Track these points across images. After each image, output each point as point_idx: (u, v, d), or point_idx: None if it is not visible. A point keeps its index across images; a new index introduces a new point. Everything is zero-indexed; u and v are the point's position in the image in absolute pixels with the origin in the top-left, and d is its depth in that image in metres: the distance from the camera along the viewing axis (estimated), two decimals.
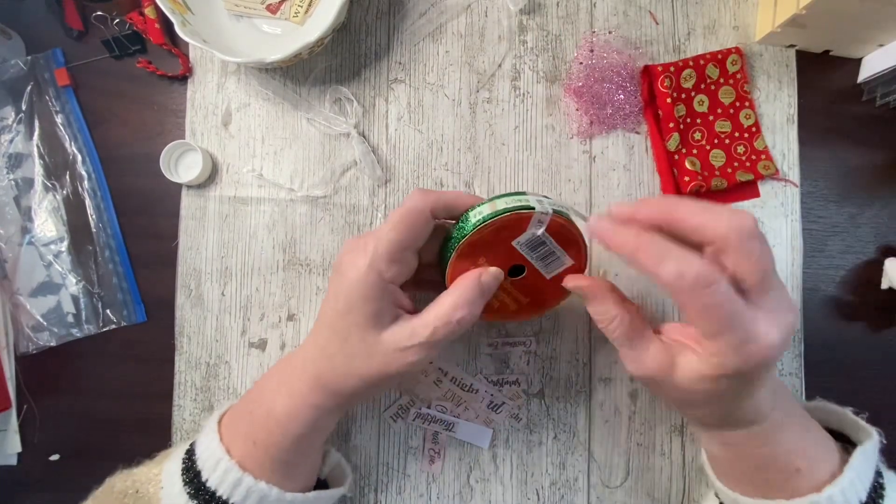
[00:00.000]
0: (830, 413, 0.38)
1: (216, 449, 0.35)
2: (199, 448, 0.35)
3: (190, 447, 0.36)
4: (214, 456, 0.34)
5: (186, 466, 0.35)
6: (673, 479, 0.46)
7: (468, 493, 0.46)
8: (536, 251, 0.35)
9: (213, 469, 0.34)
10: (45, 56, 0.49)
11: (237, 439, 0.35)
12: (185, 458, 0.35)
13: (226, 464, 0.34)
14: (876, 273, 0.48)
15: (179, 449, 0.37)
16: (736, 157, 0.48)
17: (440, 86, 0.48)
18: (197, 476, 0.34)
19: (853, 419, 0.37)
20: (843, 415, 0.37)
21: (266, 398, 0.36)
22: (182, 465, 0.35)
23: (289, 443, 0.35)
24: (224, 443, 0.35)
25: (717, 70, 0.47)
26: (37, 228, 0.48)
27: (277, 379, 0.37)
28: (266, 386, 0.37)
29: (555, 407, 0.46)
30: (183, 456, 0.36)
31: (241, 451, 0.35)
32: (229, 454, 0.34)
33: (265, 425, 0.35)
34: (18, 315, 0.48)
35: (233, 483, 0.33)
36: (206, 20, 0.46)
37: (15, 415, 0.47)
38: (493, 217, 0.33)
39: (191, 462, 0.35)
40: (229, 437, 0.35)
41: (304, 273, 0.47)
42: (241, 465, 0.34)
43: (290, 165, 0.48)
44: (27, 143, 0.48)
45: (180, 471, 0.35)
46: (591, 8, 0.49)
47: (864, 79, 0.48)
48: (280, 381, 0.36)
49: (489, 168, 0.48)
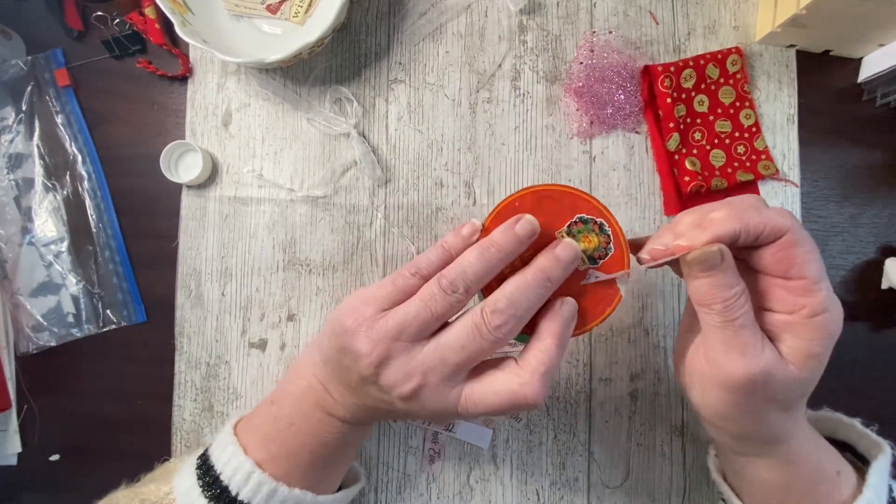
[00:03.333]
0: (837, 424, 0.37)
1: (244, 462, 0.33)
2: (218, 463, 0.34)
3: (201, 462, 0.35)
4: (244, 469, 0.33)
5: (207, 483, 0.33)
6: (673, 479, 0.46)
7: (468, 493, 0.46)
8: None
9: (243, 483, 0.33)
10: (46, 56, 0.49)
11: (274, 456, 0.34)
12: (200, 475, 0.34)
13: (258, 476, 0.33)
14: (876, 273, 0.48)
15: (186, 464, 0.36)
16: (736, 157, 0.48)
17: (440, 86, 0.48)
18: (224, 491, 0.33)
19: (862, 431, 0.36)
20: (850, 427, 0.37)
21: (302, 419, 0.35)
22: (200, 482, 0.34)
23: (332, 456, 0.36)
24: (253, 457, 0.34)
25: (718, 70, 0.47)
26: (37, 228, 0.48)
27: (313, 400, 0.35)
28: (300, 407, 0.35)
29: (555, 407, 0.46)
30: (195, 471, 0.34)
31: (279, 466, 0.34)
32: (261, 468, 0.33)
33: (306, 444, 0.34)
34: (18, 315, 0.48)
35: (267, 494, 0.33)
36: (206, 20, 0.46)
37: (15, 415, 0.47)
38: None
39: (211, 478, 0.34)
40: (259, 452, 0.34)
41: (304, 273, 0.47)
42: (275, 477, 0.33)
43: (290, 165, 0.48)
44: (27, 143, 0.48)
45: (199, 487, 0.33)
46: (591, 8, 0.49)
47: (864, 79, 0.48)
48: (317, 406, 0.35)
49: (489, 168, 0.48)
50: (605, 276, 0.33)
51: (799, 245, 0.28)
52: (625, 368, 0.47)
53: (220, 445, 0.35)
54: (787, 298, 0.29)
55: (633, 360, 0.47)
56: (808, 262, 0.28)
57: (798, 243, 0.28)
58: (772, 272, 0.30)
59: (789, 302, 0.29)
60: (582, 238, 0.33)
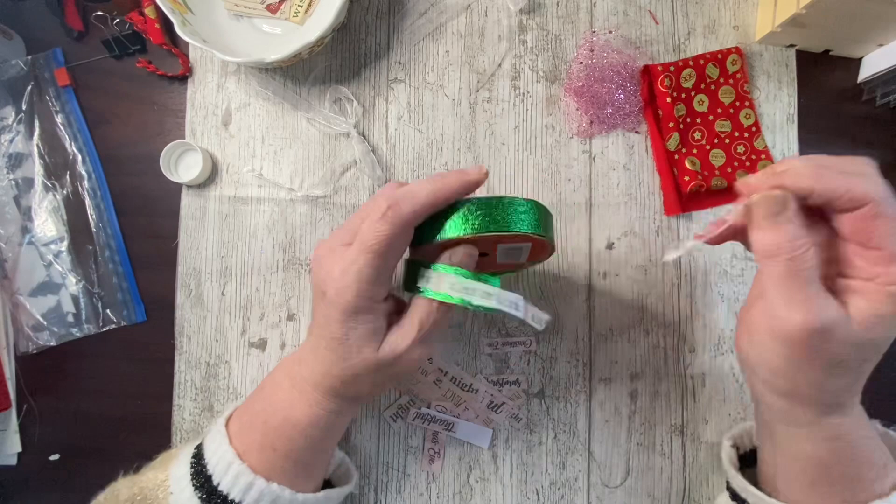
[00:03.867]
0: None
1: (226, 452, 0.34)
2: (207, 452, 0.35)
3: (196, 451, 0.36)
4: (225, 460, 0.34)
5: (196, 471, 0.34)
6: (673, 479, 0.46)
7: (468, 493, 0.46)
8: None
9: (224, 473, 0.34)
10: (46, 56, 0.49)
11: (252, 446, 0.35)
12: (192, 463, 0.35)
13: (237, 467, 0.34)
14: None
15: (184, 452, 0.37)
16: (736, 157, 0.48)
17: (440, 85, 0.48)
18: (208, 480, 0.34)
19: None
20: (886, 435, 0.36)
21: (280, 405, 0.36)
22: (191, 470, 0.35)
23: (310, 447, 0.36)
24: (235, 447, 0.35)
25: (717, 70, 0.47)
26: (37, 228, 0.48)
27: (289, 386, 0.36)
28: (276, 394, 0.36)
29: (555, 407, 0.46)
30: (190, 460, 0.35)
31: (257, 457, 0.34)
32: (241, 458, 0.34)
33: (283, 432, 0.35)
34: (18, 315, 0.48)
35: (245, 486, 0.33)
36: (206, 20, 0.46)
37: (15, 415, 0.47)
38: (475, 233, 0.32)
39: (200, 466, 0.35)
40: (242, 443, 0.35)
41: (303, 273, 0.47)
42: (254, 469, 0.34)
43: (290, 165, 0.48)
44: (27, 143, 0.48)
45: (189, 475, 0.34)
46: (591, 8, 0.49)
47: (864, 79, 0.48)
48: (293, 388, 0.36)
49: (489, 168, 0.48)
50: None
51: (881, 217, 0.27)
52: (625, 368, 0.47)
53: (212, 435, 0.36)
54: (862, 266, 0.28)
55: (633, 360, 0.47)
56: (890, 235, 0.27)
57: (881, 215, 0.27)
58: (850, 238, 0.29)
59: (864, 269, 0.28)
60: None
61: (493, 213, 0.32)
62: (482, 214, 0.32)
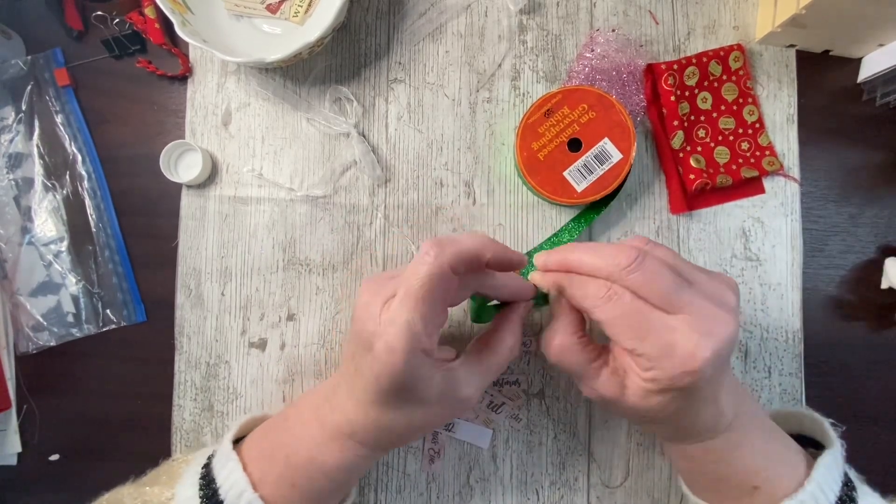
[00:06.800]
0: (804, 419, 0.38)
1: (239, 479, 0.34)
2: (219, 477, 0.34)
3: (205, 472, 0.35)
4: (238, 487, 0.33)
5: (206, 494, 0.34)
6: (673, 479, 0.46)
7: (468, 493, 0.46)
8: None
9: (236, 500, 0.33)
10: (45, 56, 0.49)
11: (269, 477, 0.34)
12: (202, 485, 0.34)
13: (249, 496, 0.33)
14: (876, 273, 0.48)
15: (190, 470, 0.36)
16: (740, 154, 0.48)
17: (440, 86, 0.48)
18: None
19: (822, 427, 0.36)
20: (814, 421, 0.37)
21: (306, 444, 0.35)
22: (200, 492, 0.34)
23: (332, 489, 0.36)
24: (249, 473, 0.34)
25: (720, 67, 0.47)
26: (37, 228, 0.48)
27: (318, 428, 0.35)
28: (304, 431, 0.35)
29: (555, 407, 0.46)
30: (199, 481, 0.34)
31: (273, 490, 0.34)
32: (254, 487, 0.33)
33: (306, 472, 0.34)
34: (18, 315, 0.48)
35: None
36: (206, 20, 0.46)
37: (15, 415, 0.47)
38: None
39: (211, 490, 0.34)
40: (258, 470, 0.34)
41: (303, 273, 0.47)
42: (267, 501, 0.33)
43: (290, 165, 0.48)
44: (27, 143, 0.48)
45: (198, 498, 0.34)
46: (591, 8, 0.49)
47: (864, 79, 0.48)
48: (322, 431, 0.35)
49: (489, 168, 0.48)
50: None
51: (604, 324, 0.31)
52: None
53: (222, 459, 0.35)
54: (617, 353, 0.34)
55: None
56: (618, 335, 0.31)
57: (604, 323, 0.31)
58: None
59: (620, 357, 0.33)
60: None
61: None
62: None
